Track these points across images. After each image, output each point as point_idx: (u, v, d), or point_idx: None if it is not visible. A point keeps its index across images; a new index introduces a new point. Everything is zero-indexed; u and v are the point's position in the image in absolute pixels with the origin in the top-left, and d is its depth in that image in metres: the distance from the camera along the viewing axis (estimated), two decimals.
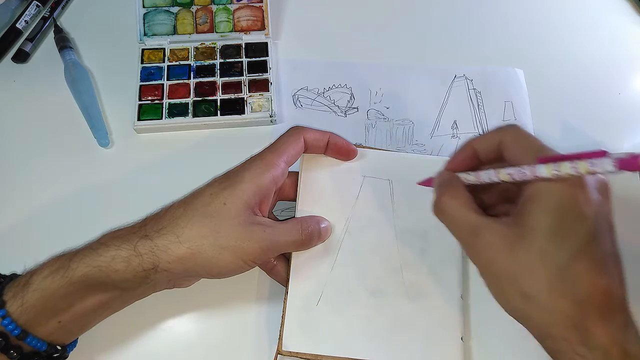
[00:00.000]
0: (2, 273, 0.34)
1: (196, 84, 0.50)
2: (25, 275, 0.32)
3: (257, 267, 0.37)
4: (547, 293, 0.27)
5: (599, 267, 0.26)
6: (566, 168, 0.26)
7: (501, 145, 0.31)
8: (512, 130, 0.31)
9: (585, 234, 0.27)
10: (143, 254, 0.32)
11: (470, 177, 0.32)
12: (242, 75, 0.50)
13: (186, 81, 0.50)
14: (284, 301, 0.37)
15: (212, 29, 0.52)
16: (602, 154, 0.25)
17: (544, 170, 0.27)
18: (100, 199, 0.45)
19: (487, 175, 0.31)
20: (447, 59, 0.54)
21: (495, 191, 0.33)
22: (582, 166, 0.25)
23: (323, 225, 0.37)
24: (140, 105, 0.48)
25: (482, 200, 0.33)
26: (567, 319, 0.26)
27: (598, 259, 0.27)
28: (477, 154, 0.33)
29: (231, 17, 0.53)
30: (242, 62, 0.51)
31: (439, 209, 0.32)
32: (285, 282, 0.37)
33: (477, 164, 0.34)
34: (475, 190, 0.32)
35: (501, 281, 0.28)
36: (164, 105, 0.48)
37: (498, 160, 0.32)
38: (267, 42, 0.52)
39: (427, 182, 0.36)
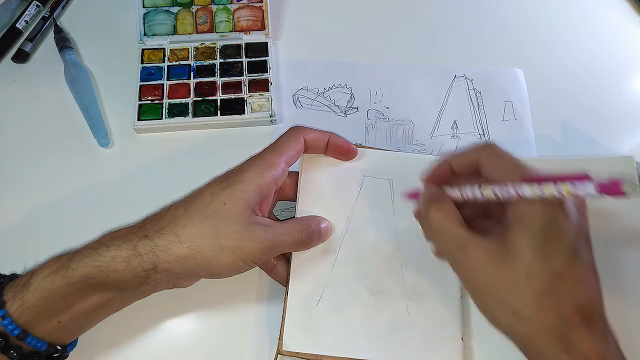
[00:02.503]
0: (2, 273, 0.34)
1: (196, 84, 0.50)
2: (25, 275, 0.32)
3: (257, 267, 0.37)
4: (533, 308, 0.28)
5: (581, 282, 0.28)
6: (550, 189, 0.27)
7: (480, 164, 0.32)
8: (490, 149, 0.32)
9: (567, 252, 0.28)
10: (143, 254, 0.32)
11: (454, 193, 0.33)
12: (242, 75, 0.50)
13: (186, 81, 0.50)
14: (284, 301, 0.37)
15: (212, 29, 0.52)
16: (585, 177, 0.26)
17: (528, 191, 0.28)
18: (100, 199, 0.45)
19: (471, 192, 0.31)
20: (447, 59, 0.54)
21: (474, 206, 0.34)
22: (565, 188, 0.26)
23: (323, 225, 0.37)
24: (140, 105, 0.48)
25: (461, 214, 0.34)
26: (552, 331, 0.27)
27: (579, 275, 0.28)
28: (453, 170, 0.34)
29: (231, 17, 0.53)
30: (242, 62, 0.51)
31: (427, 224, 0.32)
32: (285, 282, 0.37)
33: (452, 180, 0.34)
34: (456, 205, 0.33)
35: (487, 296, 0.29)
36: (164, 105, 0.48)
37: (473, 177, 0.33)
38: (267, 42, 0.52)
39: (414, 195, 0.36)
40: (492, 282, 0.29)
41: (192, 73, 0.50)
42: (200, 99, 0.49)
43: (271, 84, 0.50)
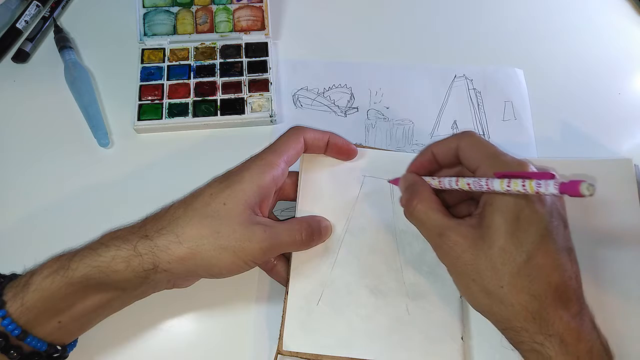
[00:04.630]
0: (2, 273, 0.34)
1: (196, 84, 0.50)
2: (25, 275, 0.32)
3: (257, 267, 0.37)
4: (507, 289, 0.29)
5: (554, 262, 0.29)
6: (517, 185, 0.28)
7: (458, 151, 0.34)
8: (468, 137, 0.33)
9: (539, 233, 0.29)
10: (143, 254, 0.32)
11: (433, 182, 0.35)
12: (242, 75, 0.50)
13: (186, 81, 0.50)
14: (284, 301, 0.37)
15: (212, 29, 0.52)
16: (550, 176, 0.27)
17: (498, 185, 0.29)
18: (100, 199, 0.45)
19: (448, 182, 0.33)
20: (447, 59, 0.54)
21: (458, 192, 0.35)
22: (530, 186, 0.27)
23: (323, 225, 0.37)
24: (140, 105, 0.48)
25: (445, 199, 0.36)
26: (526, 311, 0.29)
27: (553, 256, 0.29)
28: (436, 158, 0.35)
29: (231, 17, 0.53)
30: (242, 62, 0.51)
31: (409, 213, 0.34)
32: (285, 282, 0.37)
33: (436, 168, 0.36)
34: (437, 191, 0.35)
35: (466, 278, 0.31)
36: (164, 105, 0.48)
37: (456, 165, 0.35)
38: (267, 42, 0.52)
39: (396, 181, 0.38)
40: (470, 265, 0.30)
41: (192, 73, 0.50)
42: (200, 99, 0.49)
43: (271, 84, 0.50)
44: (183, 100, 0.49)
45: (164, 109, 0.48)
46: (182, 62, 0.51)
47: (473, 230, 0.31)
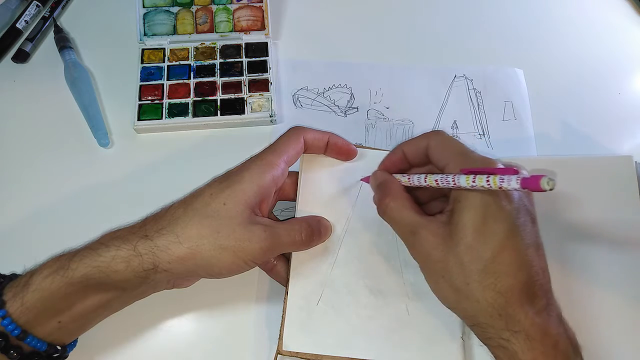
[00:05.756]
0: (2, 273, 0.34)
1: (196, 84, 0.50)
2: (25, 275, 0.32)
3: (257, 267, 0.37)
4: (474, 286, 0.29)
5: (520, 259, 0.29)
6: (481, 181, 0.29)
7: (428, 150, 0.34)
8: (438, 135, 0.34)
9: (505, 229, 0.29)
10: (143, 254, 0.32)
11: (403, 179, 0.35)
12: (242, 75, 0.50)
13: (186, 81, 0.50)
14: (284, 301, 0.37)
15: (212, 29, 0.52)
16: (513, 171, 0.28)
17: (464, 182, 0.30)
18: (100, 199, 0.45)
19: (417, 179, 0.34)
20: (447, 59, 0.54)
21: (429, 189, 0.36)
22: (494, 181, 0.28)
23: (323, 225, 0.37)
24: (140, 105, 0.48)
25: (418, 197, 0.37)
26: (492, 308, 0.29)
27: (519, 251, 0.29)
28: (406, 157, 0.36)
29: (231, 17, 0.53)
30: (242, 62, 0.51)
31: (382, 211, 0.34)
32: (285, 282, 0.37)
33: (407, 167, 0.37)
34: (410, 188, 0.35)
35: (436, 275, 0.31)
36: (164, 105, 0.48)
37: (426, 163, 0.35)
38: (267, 42, 0.52)
39: (367, 179, 0.39)
40: (439, 263, 0.31)
41: (192, 73, 0.50)
42: (200, 99, 0.49)
43: (271, 84, 0.50)
44: (183, 100, 0.49)
45: (164, 109, 0.48)
46: (182, 62, 0.51)
47: (443, 227, 0.31)
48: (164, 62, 0.51)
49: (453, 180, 0.30)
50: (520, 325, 0.28)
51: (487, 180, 0.28)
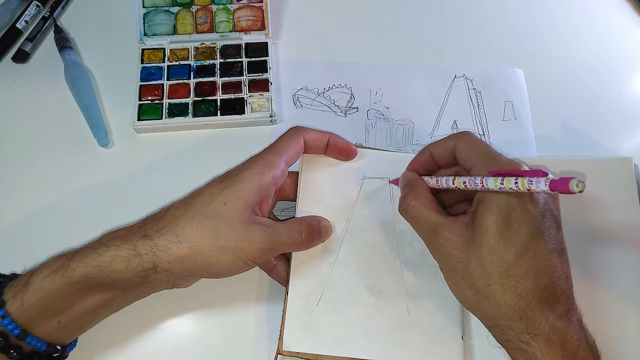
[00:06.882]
0: (2, 273, 0.34)
1: (196, 84, 0.50)
2: (25, 275, 0.32)
3: (257, 267, 0.37)
4: (495, 287, 0.29)
5: (543, 263, 0.29)
6: (509, 183, 0.28)
7: (455, 151, 0.34)
8: (465, 137, 0.34)
9: (529, 233, 0.29)
10: (143, 253, 0.32)
11: (431, 181, 0.35)
12: (242, 75, 0.50)
13: (186, 81, 0.50)
14: (284, 301, 0.37)
15: (212, 29, 0.52)
16: (543, 174, 0.28)
17: (492, 184, 0.29)
18: (100, 199, 0.45)
19: (445, 181, 0.34)
20: (447, 59, 0.54)
21: (455, 191, 0.35)
22: (522, 183, 0.28)
23: (323, 225, 0.37)
24: (140, 105, 0.48)
25: (443, 200, 0.37)
26: (513, 311, 0.29)
27: (542, 255, 0.29)
28: (434, 158, 0.36)
29: (231, 17, 0.53)
30: (242, 62, 0.51)
31: (403, 209, 0.34)
32: (285, 282, 0.37)
33: (434, 168, 0.37)
34: (437, 191, 0.35)
35: (456, 275, 0.31)
36: (164, 105, 0.48)
37: (453, 164, 0.35)
38: (267, 42, 0.52)
39: (396, 181, 0.39)
40: (460, 263, 0.31)
41: (192, 73, 0.50)
42: (200, 99, 0.49)
43: (271, 84, 0.50)
44: (183, 100, 0.49)
45: (164, 109, 0.48)
46: (182, 62, 0.51)
47: (465, 228, 0.31)
48: (164, 62, 0.51)
49: (481, 182, 0.30)
50: (540, 329, 0.28)
51: (516, 182, 0.28)
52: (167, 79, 0.50)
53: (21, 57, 0.51)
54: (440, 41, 0.56)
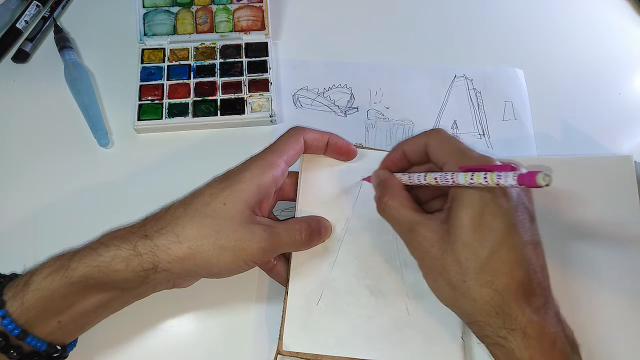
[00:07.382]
0: (2, 273, 0.34)
1: (196, 84, 0.50)
2: (25, 275, 0.32)
3: (257, 267, 0.37)
4: (470, 283, 0.29)
5: (517, 257, 0.29)
6: (479, 178, 0.29)
7: (427, 148, 0.34)
8: (436, 134, 0.34)
9: (503, 227, 0.29)
10: (143, 253, 0.32)
11: (404, 178, 0.36)
12: (242, 75, 0.50)
13: (186, 81, 0.50)
14: (284, 301, 0.37)
15: (212, 29, 0.52)
16: (510, 168, 0.28)
17: (462, 179, 0.30)
18: (100, 199, 0.45)
19: (417, 178, 0.34)
20: (447, 59, 0.54)
21: (430, 188, 0.36)
22: (491, 178, 0.28)
23: (323, 225, 0.37)
24: (140, 105, 0.48)
25: (418, 196, 0.37)
26: (489, 306, 0.29)
27: (516, 249, 0.29)
28: (406, 156, 0.36)
29: (231, 17, 0.53)
30: (242, 62, 0.51)
31: (381, 209, 0.35)
32: (285, 282, 0.37)
33: (407, 165, 0.37)
34: (412, 187, 0.36)
35: (433, 272, 0.32)
36: (164, 105, 0.48)
37: (425, 162, 0.35)
38: (267, 42, 0.52)
39: (369, 179, 0.39)
40: (437, 260, 0.31)
41: (192, 73, 0.50)
42: (200, 99, 0.49)
43: (271, 84, 0.50)
44: (183, 100, 0.49)
45: (164, 109, 0.48)
46: (182, 62, 0.51)
47: (441, 225, 0.31)
48: (164, 62, 0.51)
49: (452, 178, 0.31)
50: (517, 323, 0.28)
51: (485, 177, 0.28)
52: (167, 79, 0.50)
53: (21, 57, 0.51)
54: (440, 41, 0.56)
